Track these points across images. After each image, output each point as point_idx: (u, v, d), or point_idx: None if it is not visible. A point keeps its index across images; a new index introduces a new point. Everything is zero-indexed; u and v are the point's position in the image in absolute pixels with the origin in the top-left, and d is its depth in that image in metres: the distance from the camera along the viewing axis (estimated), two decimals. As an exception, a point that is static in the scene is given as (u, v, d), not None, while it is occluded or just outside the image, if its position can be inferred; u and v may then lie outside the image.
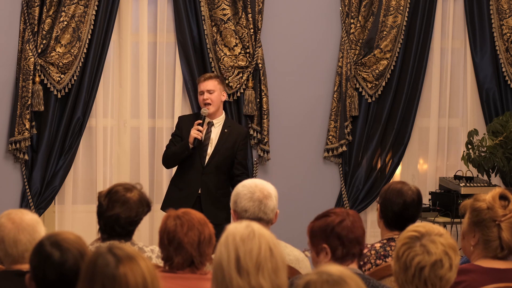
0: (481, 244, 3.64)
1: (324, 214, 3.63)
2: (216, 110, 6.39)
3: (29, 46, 6.76)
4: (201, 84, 6.42)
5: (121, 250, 2.51)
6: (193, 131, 6.26)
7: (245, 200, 4.17)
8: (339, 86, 7.39)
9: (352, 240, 3.53)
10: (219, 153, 6.36)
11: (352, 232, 3.53)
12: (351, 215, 3.59)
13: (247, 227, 2.70)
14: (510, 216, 3.61)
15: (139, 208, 4.16)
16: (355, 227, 3.55)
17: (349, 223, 3.55)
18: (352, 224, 3.55)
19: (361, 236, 3.56)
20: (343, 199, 7.44)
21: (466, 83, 7.71)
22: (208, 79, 6.40)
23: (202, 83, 6.40)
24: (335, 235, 3.53)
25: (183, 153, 6.31)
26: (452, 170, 7.55)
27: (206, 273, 3.58)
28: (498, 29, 7.62)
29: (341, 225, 3.54)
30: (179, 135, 6.42)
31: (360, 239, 3.56)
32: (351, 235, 3.53)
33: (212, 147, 6.37)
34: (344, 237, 3.53)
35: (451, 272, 3.01)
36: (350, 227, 3.54)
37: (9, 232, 3.49)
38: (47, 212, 6.96)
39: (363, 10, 7.38)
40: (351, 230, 3.53)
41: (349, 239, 3.52)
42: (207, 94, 6.34)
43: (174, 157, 6.39)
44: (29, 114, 6.78)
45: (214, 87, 6.38)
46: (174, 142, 6.43)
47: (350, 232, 3.53)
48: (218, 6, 7.09)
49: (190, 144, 6.27)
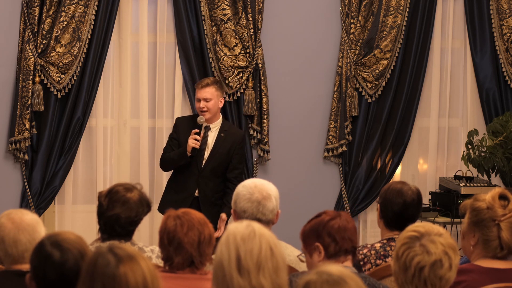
0: (481, 244, 3.64)
1: (315, 216, 3.66)
2: (212, 116, 6.34)
3: (29, 46, 6.76)
4: (198, 91, 6.34)
5: (122, 250, 2.51)
6: (190, 141, 6.21)
7: (244, 201, 4.17)
8: (339, 86, 7.39)
9: (344, 236, 3.55)
10: (214, 158, 6.33)
11: (344, 229, 3.56)
12: (342, 214, 3.63)
13: (248, 226, 2.70)
14: (509, 215, 3.61)
15: (139, 208, 4.17)
16: (346, 224, 3.58)
17: (340, 221, 3.58)
18: (343, 222, 3.58)
19: (352, 233, 3.58)
20: (343, 199, 7.44)
21: (466, 83, 7.71)
22: (206, 87, 6.29)
23: (200, 91, 6.31)
24: (326, 232, 3.55)
25: (181, 161, 6.30)
26: (452, 170, 7.55)
27: (206, 273, 3.59)
28: (498, 29, 7.62)
29: (332, 222, 3.57)
30: (176, 138, 6.40)
31: (352, 236, 3.58)
32: (342, 231, 3.56)
33: (208, 152, 6.35)
34: (336, 233, 3.55)
35: (451, 272, 3.01)
36: (341, 224, 3.57)
37: (9, 232, 3.49)
38: (47, 212, 6.96)
39: (363, 10, 7.38)
40: (342, 227, 3.56)
41: (341, 235, 3.55)
42: (203, 103, 6.27)
43: (171, 162, 6.39)
44: (29, 114, 6.79)
45: (211, 95, 6.29)
46: (171, 145, 6.40)
47: (341, 228, 3.56)
48: (218, 6, 7.09)
49: (188, 153, 6.26)
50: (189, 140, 6.23)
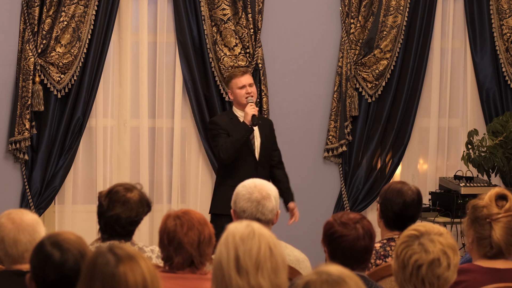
0: (475, 241, 3.65)
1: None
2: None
3: (29, 46, 6.76)
4: (239, 78, 6.29)
5: (122, 249, 2.51)
6: (249, 109, 6.16)
7: (243, 201, 4.17)
8: (339, 86, 7.39)
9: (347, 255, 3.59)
10: (264, 144, 6.35)
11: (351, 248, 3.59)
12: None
13: (247, 226, 2.70)
14: (502, 215, 3.61)
15: (140, 208, 4.17)
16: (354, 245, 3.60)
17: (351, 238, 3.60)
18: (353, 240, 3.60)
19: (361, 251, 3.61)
20: (343, 199, 7.45)
21: (466, 83, 7.71)
22: (247, 73, 6.35)
23: (242, 77, 6.29)
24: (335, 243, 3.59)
25: (245, 135, 6.17)
26: (452, 170, 7.55)
27: (206, 273, 3.58)
28: (498, 29, 7.62)
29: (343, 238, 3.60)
30: (224, 131, 6.25)
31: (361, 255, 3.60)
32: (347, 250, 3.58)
33: (258, 140, 6.34)
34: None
35: (449, 271, 3.01)
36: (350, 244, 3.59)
37: (9, 232, 3.50)
38: (47, 212, 6.96)
39: (363, 10, 7.38)
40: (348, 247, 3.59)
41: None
42: (249, 88, 6.29)
43: (236, 143, 6.17)
44: (29, 114, 6.79)
45: (252, 81, 6.37)
46: (223, 137, 6.25)
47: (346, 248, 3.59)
48: (218, 6, 7.10)
49: (248, 123, 6.18)
50: (247, 109, 6.16)
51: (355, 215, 3.65)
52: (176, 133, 7.18)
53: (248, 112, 6.14)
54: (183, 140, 7.24)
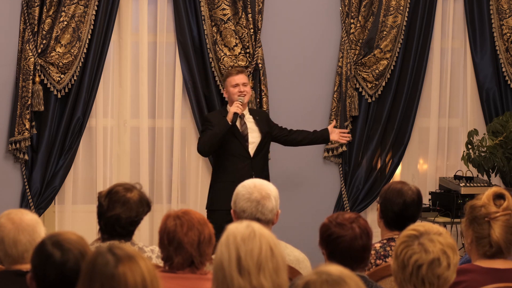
0: (474, 241, 3.65)
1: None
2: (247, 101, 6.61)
3: (29, 46, 6.76)
4: (234, 77, 6.54)
5: (121, 249, 2.51)
6: (233, 108, 6.42)
7: (243, 201, 4.17)
8: (339, 86, 7.39)
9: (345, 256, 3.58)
10: (262, 140, 6.55)
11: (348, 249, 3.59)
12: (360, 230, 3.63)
13: (248, 227, 2.70)
14: (501, 214, 3.61)
15: (139, 208, 4.17)
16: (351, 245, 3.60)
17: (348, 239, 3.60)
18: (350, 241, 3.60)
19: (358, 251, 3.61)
20: (343, 199, 7.45)
21: (466, 83, 7.71)
22: (241, 73, 6.60)
23: (236, 76, 6.55)
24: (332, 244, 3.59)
25: (223, 131, 6.40)
26: (452, 170, 7.55)
27: (206, 273, 3.59)
28: (498, 29, 7.62)
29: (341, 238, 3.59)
30: (213, 127, 6.47)
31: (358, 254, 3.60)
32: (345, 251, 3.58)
33: (252, 135, 6.53)
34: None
35: (449, 271, 3.01)
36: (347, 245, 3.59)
37: (9, 232, 3.50)
38: (47, 212, 6.96)
39: (363, 10, 7.38)
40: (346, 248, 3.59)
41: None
42: (242, 87, 6.52)
43: (214, 137, 6.42)
44: (29, 114, 6.79)
45: (247, 80, 6.61)
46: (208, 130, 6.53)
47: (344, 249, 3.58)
48: (218, 6, 7.10)
49: (229, 121, 6.39)
50: (232, 108, 6.43)
51: (350, 215, 3.65)
52: (176, 133, 7.18)
53: (231, 110, 6.43)
54: (183, 140, 7.24)
